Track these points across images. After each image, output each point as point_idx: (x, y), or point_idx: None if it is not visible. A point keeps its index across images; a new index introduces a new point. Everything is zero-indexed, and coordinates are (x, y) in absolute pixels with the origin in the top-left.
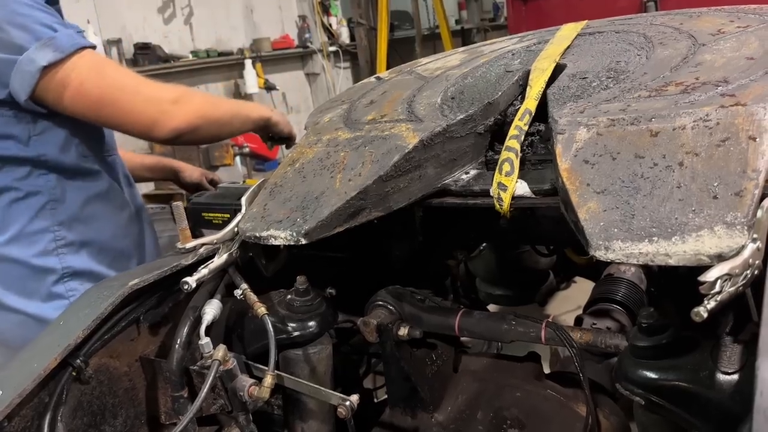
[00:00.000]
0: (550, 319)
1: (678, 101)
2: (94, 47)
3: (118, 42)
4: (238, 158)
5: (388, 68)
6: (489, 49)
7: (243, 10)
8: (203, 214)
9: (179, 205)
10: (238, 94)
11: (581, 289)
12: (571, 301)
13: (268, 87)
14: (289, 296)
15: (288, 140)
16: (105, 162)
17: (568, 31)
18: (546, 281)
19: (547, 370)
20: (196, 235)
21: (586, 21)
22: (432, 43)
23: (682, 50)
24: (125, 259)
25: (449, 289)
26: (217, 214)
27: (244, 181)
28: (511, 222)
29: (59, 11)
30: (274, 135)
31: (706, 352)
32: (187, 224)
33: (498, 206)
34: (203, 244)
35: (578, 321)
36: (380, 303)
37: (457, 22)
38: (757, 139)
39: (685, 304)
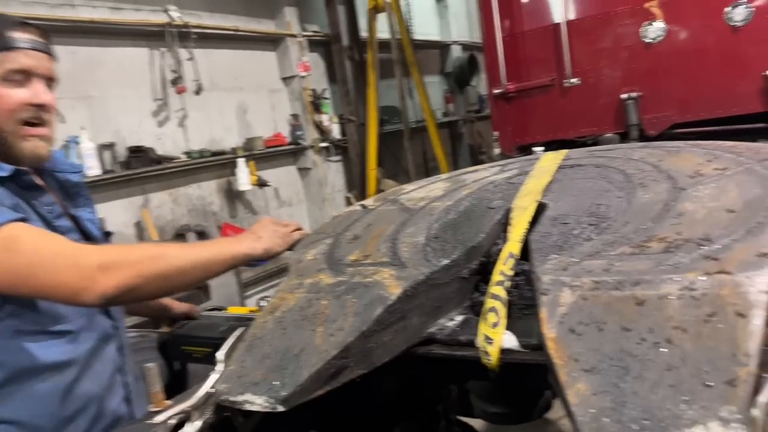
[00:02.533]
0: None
1: (661, 262)
2: (14, 220)
3: (111, 146)
4: None
5: (378, 161)
6: (471, 178)
7: (236, 111)
8: (183, 347)
9: (152, 367)
10: (231, 191)
11: None
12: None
13: (261, 183)
14: None
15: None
16: (56, 334)
17: (548, 162)
18: (542, 396)
19: None
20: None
21: (566, 151)
22: (420, 135)
23: (662, 194)
24: None
25: (441, 414)
26: (198, 348)
27: (226, 308)
28: (501, 373)
29: None
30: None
31: None
32: (160, 387)
33: (485, 360)
34: (175, 415)
35: None
36: None
37: (444, 114)
38: (746, 316)
39: None
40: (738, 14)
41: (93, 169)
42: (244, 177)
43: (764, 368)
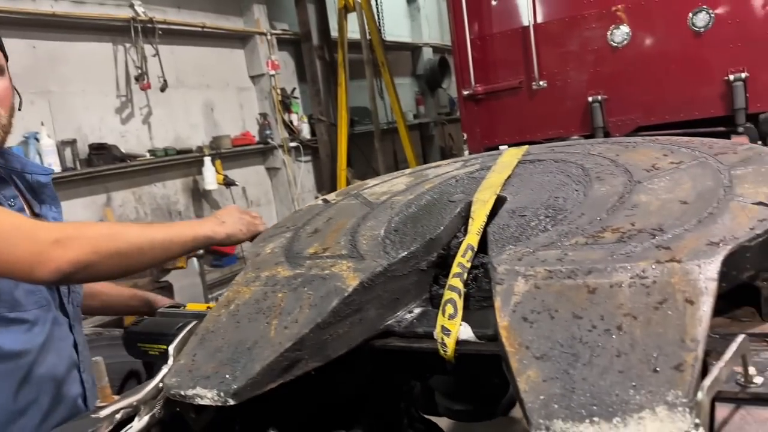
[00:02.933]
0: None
1: (614, 252)
2: None
3: (72, 143)
4: (194, 259)
5: (348, 162)
6: (434, 173)
7: (203, 109)
8: (139, 344)
9: (100, 362)
10: (197, 190)
11: None
12: None
13: (228, 183)
14: None
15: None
16: (13, 322)
17: (510, 157)
18: (507, 392)
19: None
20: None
21: (527, 146)
22: (391, 136)
23: (618, 187)
24: None
25: (403, 411)
26: (153, 346)
27: (185, 306)
28: (458, 364)
29: None
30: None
31: None
32: (108, 382)
33: (442, 351)
34: (121, 409)
35: None
36: None
37: (415, 116)
38: (694, 303)
39: None
40: (700, 20)
41: (53, 166)
42: (210, 176)
43: (710, 354)
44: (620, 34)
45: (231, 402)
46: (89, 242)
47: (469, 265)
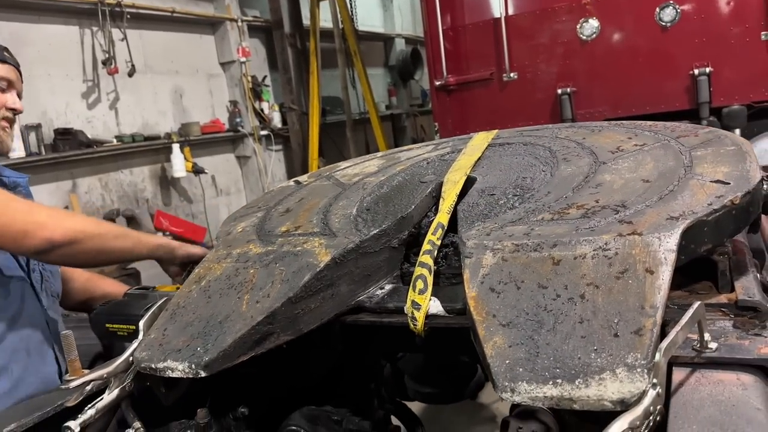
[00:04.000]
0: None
1: (579, 226)
2: None
3: (37, 127)
4: None
5: (320, 152)
6: (406, 156)
7: (172, 95)
8: (107, 325)
9: (69, 335)
10: (165, 177)
11: None
12: None
13: (197, 171)
14: None
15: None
16: None
17: (480, 140)
18: (474, 376)
19: None
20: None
21: (496, 131)
22: (363, 126)
23: (583, 168)
24: None
25: (373, 392)
26: (122, 326)
27: (154, 288)
28: (427, 338)
29: None
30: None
31: None
32: (77, 355)
33: (412, 325)
34: (91, 381)
35: (504, 424)
36: (294, 429)
37: (387, 107)
38: (654, 273)
39: None
40: (667, 14)
41: (17, 151)
42: (179, 163)
43: (669, 324)
44: (589, 27)
45: (202, 374)
46: (78, 222)
47: (439, 242)
